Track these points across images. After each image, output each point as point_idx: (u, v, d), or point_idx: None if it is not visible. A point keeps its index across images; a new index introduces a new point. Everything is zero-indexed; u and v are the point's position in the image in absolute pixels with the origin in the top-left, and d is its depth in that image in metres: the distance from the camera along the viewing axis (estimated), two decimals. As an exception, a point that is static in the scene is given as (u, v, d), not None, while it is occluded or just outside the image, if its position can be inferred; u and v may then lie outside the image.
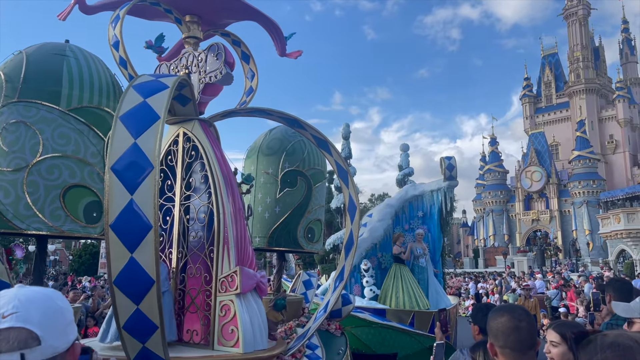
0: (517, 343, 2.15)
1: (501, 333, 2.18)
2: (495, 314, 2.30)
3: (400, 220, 10.02)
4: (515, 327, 2.18)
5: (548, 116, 76.64)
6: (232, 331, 4.43)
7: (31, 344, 1.02)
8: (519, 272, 37.50)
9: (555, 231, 63.59)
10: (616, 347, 0.97)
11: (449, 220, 10.06)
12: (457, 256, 75.79)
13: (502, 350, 2.18)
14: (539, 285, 25.65)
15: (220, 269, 4.56)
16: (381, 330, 7.15)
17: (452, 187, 9.92)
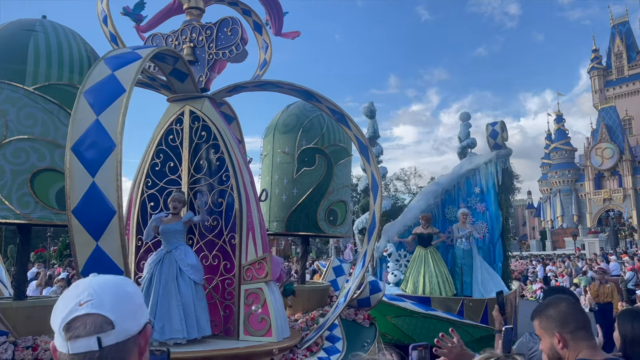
0: (586, 322, 2.16)
1: (571, 315, 2.15)
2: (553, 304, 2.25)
3: (455, 199, 9.04)
4: (578, 309, 2.19)
5: (619, 89, 71.72)
6: (263, 320, 4.20)
7: (106, 328, 1.10)
8: (590, 254, 35.52)
9: (629, 210, 59.64)
10: None
11: (507, 196, 8.83)
12: (522, 238, 73.03)
13: (574, 335, 2.12)
14: (612, 267, 24.17)
15: (245, 256, 4.32)
16: (424, 320, 6.61)
17: (502, 156, 8.78)
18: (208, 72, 4.41)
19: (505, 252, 8.57)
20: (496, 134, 8.69)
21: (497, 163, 8.75)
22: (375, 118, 9.46)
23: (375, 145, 9.20)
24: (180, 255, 4.52)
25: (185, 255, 4.54)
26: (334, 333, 4.27)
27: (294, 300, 4.75)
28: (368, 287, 4.64)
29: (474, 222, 8.68)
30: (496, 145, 8.74)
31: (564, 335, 2.13)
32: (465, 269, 8.11)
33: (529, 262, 34.92)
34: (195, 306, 4.41)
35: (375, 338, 4.48)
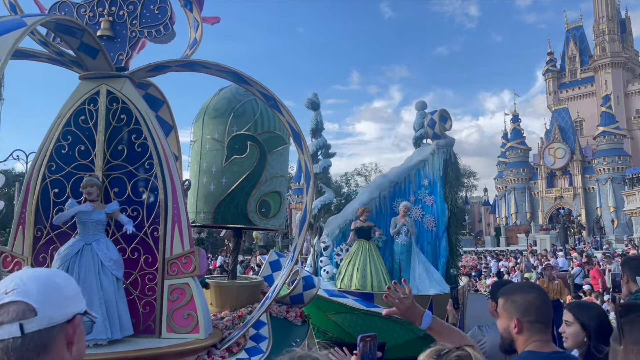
0: (547, 317, 2.23)
1: (534, 307, 2.22)
2: (522, 290, 2.31)
3: (405, 192, 8.61)
4: (545, 301, 2.26)
5: (572, 91, 74.29)
6: (189, 316, 3.94)
7: (28, 315, 1.13)
8: (541, 250, 36.68)
9: (578, 209, 61.95)
10: None
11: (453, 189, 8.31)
12: (478, 234, 74.81)
13: (531, 325, 2.20)
14: (561, 263, 24.95)
15: (170, 250, 4.03)
16: (365, 318, 6.34)
17: (443, 146, 8.30)
18: (130, 50, 4.07)
19: (451, 247, 8.15)
20: (434, 123, 8.21)
21: (438, 154, 8.39)
22: (319, 110, 9.05)
23: (319, 137, 8.81)
24: (102, 248, 4.19)
25: (108, 249, 4.21)
26: (260, 332, 4.03)
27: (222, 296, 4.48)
28: (301, 283, 4.38)
29: (424, 216, 8.39)
30: (435, 135, 8.29)
31: (522, 322, 2.21)
32: (403, 265, 7.83)
33: (483, 258, 35.68)
34: (117, 304, 4.10)
35: (306, 336, 4.24)
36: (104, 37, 4.12)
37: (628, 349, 0.91)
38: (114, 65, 4.11)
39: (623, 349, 0.93)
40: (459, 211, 8.31)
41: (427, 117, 8.27)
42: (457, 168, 8.45)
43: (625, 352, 0.92)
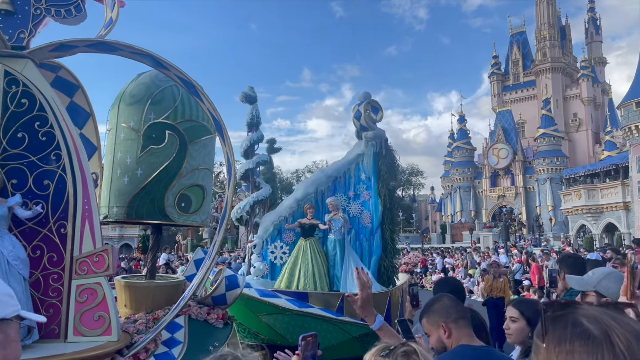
0: (465, 312, 2.39)
1: (451, 308, 2.38)
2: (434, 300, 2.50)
3: (344, 186, 8.21)
4: (456, 300, 2.43)
5: (515, 94, 77.04)
6: (100, 318, 3.62)
7: None
8: (484, 247, 37.82)
9: (519, 207, 64.45)
10: (586, 338, 0.86)
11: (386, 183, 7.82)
12: (425, 232, 76.48)
13: (456, 324, 2.33)
14: (502, 259, 25.78)
15: (79, 248, 3.70)
16: (297, 318, 6.06)
17: (371, 139, 7.87)
18: (33, 29, 3.68)
19: (385, 244, 7.76)
20: (360, 115, 7.80)
21: (368, 147, 8.01)
22: (257, 104, 8.71)
23: (256, 131, 8.49)
24: (7, 246, 3.80)
25: (14, 247, 3.82)
26: (175, 336, 3.75)
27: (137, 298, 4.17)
28: (224, 283, 4.12)
29: (362, 212, 8.11)
30: (362, 127, 7.86)
31: (449, 324, 2.35)
32: (336, 262, 7.53)
33: (429, 255, 36.39)
34: (27, 306, 3.74)
35: (227, 339, 3.99)
36: (2, 11, 3.70)
37: (549, 347, 0.89)
38: (9, 44, 3.70)
39: (545, 347, 0.91)
40: (393, 206, 7.99)
41: (354, 108, 7.96)
42: (391, 161, 7.93)
43: (547, 350, 0.89)
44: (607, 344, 0.86)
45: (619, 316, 0.93)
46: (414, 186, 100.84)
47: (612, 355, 0.84)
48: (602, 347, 0.86)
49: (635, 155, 32.49)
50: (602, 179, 39.28)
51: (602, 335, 0.87)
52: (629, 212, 34.91)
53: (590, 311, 0.94)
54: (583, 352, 0.87)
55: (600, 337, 0.87)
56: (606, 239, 37.50)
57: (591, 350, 0.86)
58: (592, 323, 0.90)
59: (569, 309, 0.96)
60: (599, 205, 38.16)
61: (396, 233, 8.00)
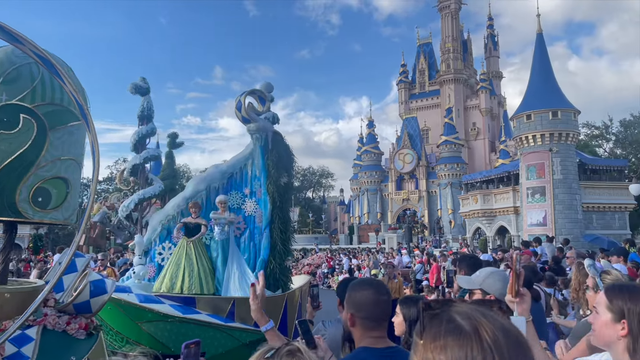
0: (377, 315, 2.33)
1: (365, 305, 2.33)
2: (359, 287, 2.43)
3: (240, 183, 7.67)
4: (377, 300, 2.34)
5: (421, 102, 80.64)
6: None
7: None
8: (388, 248, 39.03)
9: (422, 210, 67.55)
10: (458, 333, 0.94)
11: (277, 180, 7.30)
12: (333, 233, 77.80)
13: (362, 321, 2.32)
14: (405, 260, 26.67)
15: None
16: (180, 326, 5.60)
17: (254, 131, 7.35)
18: None
19: (274, 244, 7.26)
20: (240, 105, 7.24)
21: (253, 141, 7.52)
22: (149, 95, 8.01)
23: (147, 124, 7.80)
24: None
25: None
26: (22, 350, 3.20)
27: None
28: (88, 288, 3.60)
29: (257, 210, 7.64)
30: (244, 119, 7.26)
31: (355, 318, 2.34)
32: (219, 263, 7.06)
33: (337, 255, 36.92)
34: None
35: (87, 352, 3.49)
36: None
37: (426, 344, 0.95)
38: None
39: (422, 344, 0.96)
40: (285, 204, 7.53)
41: (236, 99, 7.43)
42: (280, 156, 7.40)
43: (424, 346, 0.95)
44: (476, 338, 0.94)
45: (489, 313, 1.01)
46: (324, 188, 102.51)
47: (480, 349, 0.92)
48: (471, 341, 0.93)
49: (525, 163, 35.16)
50: (496, 185, 42.16)
51: (472, 330, 0.95)
52: (518, 216, 37.72)
53: (463, 308, 1.01)
54: (455, 346, 0.94)
55: (470, 332, 0.95)
56: (498, 240, 40.26)
57: (462, 344, 0.93)
58: (464, 319, 0.97)
59: (445, 307, 1.03)
60: (493, 209, 40.89)
61: (289, 233, 7.49)
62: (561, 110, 33.81)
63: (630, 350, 1.88)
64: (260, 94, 7.55)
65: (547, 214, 33.43)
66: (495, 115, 77.99)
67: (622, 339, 1.92)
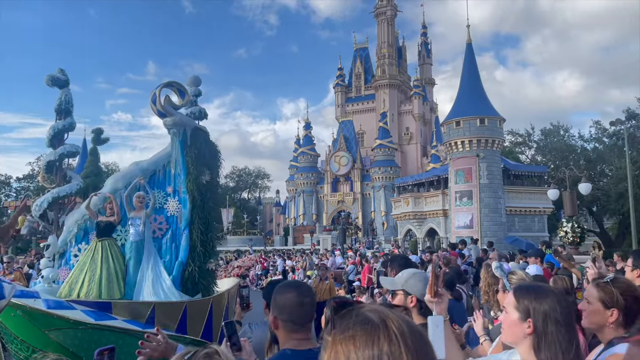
0: (300, 317, 2.35)
1: (287, 307, 2.35)
2: (282, 289, 2.45)
3: (162, 181, 7.22)
4: (300, 302, 2.36)
5: (357, 106, 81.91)
6: None
7: None
8: (323, 250, 39.31)
9: (357, 212, 68.65)
10: (366, 323, 1.00)
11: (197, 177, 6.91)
12: (268, 234, 77.45)
13: (285, 324, 2.34)
14: (338, 261, 26.92)
15: None
16: (93, 333, 5.25)
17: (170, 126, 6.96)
18: None
19: (193, 246, 6.87)
20: (155, 98, 6.77)
21: (171, 136, 7.10)
22: (68, 88, 7.50)
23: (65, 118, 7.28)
24: None
25: None
26: None
27: None
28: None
29: (179, 210, 7.28)
30: (160, 113, 6.83)
31: (278, 320, 2.36)
32: (132, 265, 6.58)
33: (271, 256, 36.75)
34: None
35: None
36: None
37: (335, 338, 0.99)
38: None
39: (331, 339, 1.00)
40: (206, 203, 7.18)
41: (152, 92, 7.06)
42: (200, 152, 6.99)
43: (333, 341, 0.99)
44: (383, 328, 0.99)
45: (395, 310, 1.08)
46: (260, 189, 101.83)
47: (387, 338, 0.97)
48: (379, 331, 0.98)
49: (454, 168, 36.58)
50: (427, 189, 43.58)
51: (379, 321, 1.00)
52: (447, 219, 39.17)
53: (372, 306, 1.09)
54: (363, 335, 0.98)
55: (378, 322, 1.00)
56: (428, 242, 41.60)
57: (370, 333, 0.98)
58: (372, 313, 1.03)
59: (355, 306, 1.09)
60: (423, 211, 42.23)
61: (212, 234, 7.14)
62: (488, 118, 35.49)
63: (535, 348, 1.99)
64: (178, 86, 7.19)
65: (474, 217, 34.95)
66: (427, 120, 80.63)
67: (528, 337, 2.02)
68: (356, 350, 0.96)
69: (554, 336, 1.96)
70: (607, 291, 2.56)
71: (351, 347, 0.97)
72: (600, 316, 2.56)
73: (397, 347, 0.96)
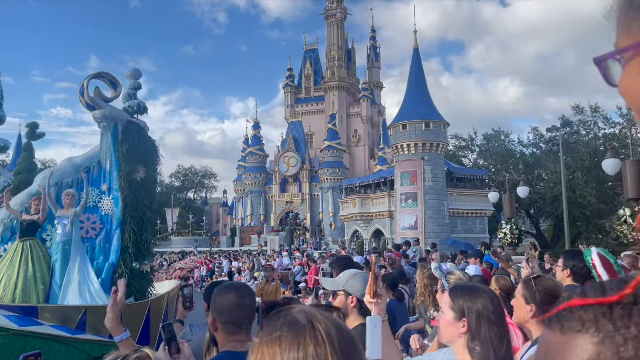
0: (239, 319, 2.34)
1: (226, 309, 2.34)
2: (222, 291, 2.43)
3: (97, 178, 6.84)
4: (240, 303, 2.36)
5: (306, 107, 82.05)
6: None
7: None
8: (270, 250, 39.10)
9: (305, 213, 68.74)
10: (293, 325, 0.99)
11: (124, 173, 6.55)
12: (214, 235, 76.25)
13: (224, 326, 2.33)
14: (285, 262, 26.86)
15: None
16: (17, 339, 4.97)
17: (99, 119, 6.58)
18: None
19: (125, 247, 6.55)
20: (83, 90, 6.49)
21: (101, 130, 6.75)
22: None
23: None
24: None
25: None
26: None
27: None
28: None
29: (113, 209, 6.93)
30: (89, 106, 6.54)
31: (217, 322, 2.34)
32: (57, 267, 6.23)
33: (217, 258, 36.26)
34: None
35: None
36: None
37: (262, 339, 0.98)
38: None
39: (258, 340, 0.99)
40: (139, 202, 6.84)
41: (81, 84, 6.71)
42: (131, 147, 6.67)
43: (260, 343, 0.98)
44: (310, 329, 0.98)
45: (324, 311, 1.07)
46: (206, 189, 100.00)
47: (314, 339, 0.96)
48: (305, 332, 0.97)
49: (399, 170, 37.31)
50: (374, 190, 44.23)
51: (306, 323, 0.99)
52: (392, 220, 39.89)
53: (301, 307, 1.07)
54: (289, 336, 0.97)
55: (305, 323, 0.99)
56: (374, 243, 42.20)
57: (296, 334, 0.97)
58: (299, 314, 1.02)
59: (285, 307, 1.06)
60: (370, 213, 42.83)
61: (146, 235, 6.81)
62: (433, 122, 36.44)
63: (469, 346, 2.05)
64: (110, 77, 6.86)
65: (418, 218, 35.76)
66: (375, 123, 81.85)
67: (462, 335, 2.08)
68: (282, 353, 0.95)
69: (486, 334, 2.02)
70: (529, 287, 2.73)
71: (277, 349, 0.96)
72: (522, 311, 2.72)
73: (323, 349, 0.96)
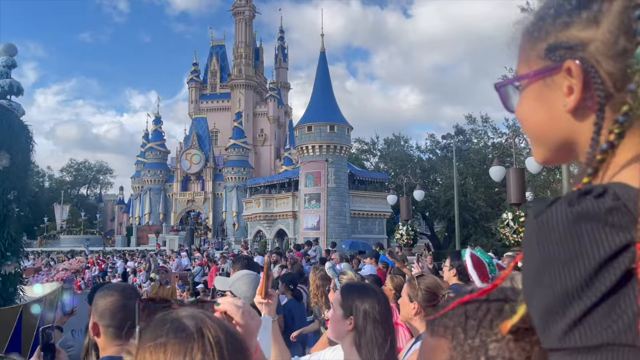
0: (123, 321, 2.21)
1: (108, 312, 2.25)
2: (104, 292, 2.34)
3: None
4: (123, 305, 2.25)
5: (211, 103, 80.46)
6: None
7: None
8: (169, 251, 37.79)
9: (207, 212, 67.25)
10: (181, 331, 0.93)
11: None
12: (109, 234, 72.18)
13: (106, 330, 2.23)
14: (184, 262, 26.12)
15: None
16: None
17: None
18: None
19: None
20: None
21: None
22: None
23: None
24: None
25: None
26: None
27: None
28: None
29: None
30: None
31: (99, 326, 2.24)
32: None
33: (111, 258, 34.40)
34: None
35: None
36: None
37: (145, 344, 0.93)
38: None
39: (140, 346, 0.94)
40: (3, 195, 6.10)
41: None
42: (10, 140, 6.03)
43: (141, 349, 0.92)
44: (198, 337, 0.93)
45: (215, 316, 1.05)
46: (101, 185, 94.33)
47: (202, 348, 0.92)
48: (193, 341, 0.92)
49: (304, 171, 37.76)
50: (278, 190, 44.36)
51: (195, 329, 0.94)
52: (296, 220, 40.25)
53: (189, 310, 1.02)
54: (176, 344, 0.92)
55: (194, 330, 0.94)
56: (277, 243, 42.30)
57: (183, 342, 0.92)
58: (188, 319, 0.96)
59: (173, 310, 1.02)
60: (274, 213, 42.89)
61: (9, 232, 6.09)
62: (337, 125, 37.33)
63: (356, 344, 2.12)
64: None
65: (321, 219, 36.43)
66: (282, 123, 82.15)
67: (349, 333, 2.15)
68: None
69: (371, 333, 2.10)
70: (412, 286, 2.86)
71: (161, 356, 0.91)
72: (406, 309, 2.84)
73: (211, 359, 0.93)
